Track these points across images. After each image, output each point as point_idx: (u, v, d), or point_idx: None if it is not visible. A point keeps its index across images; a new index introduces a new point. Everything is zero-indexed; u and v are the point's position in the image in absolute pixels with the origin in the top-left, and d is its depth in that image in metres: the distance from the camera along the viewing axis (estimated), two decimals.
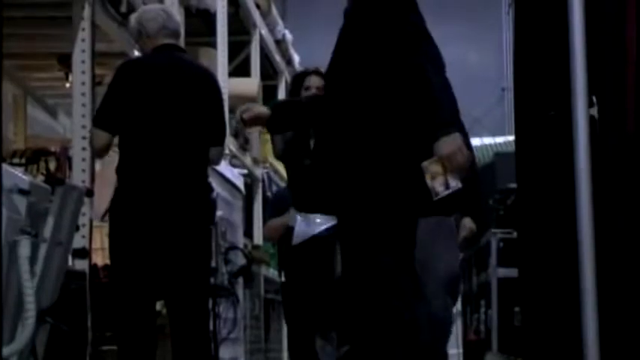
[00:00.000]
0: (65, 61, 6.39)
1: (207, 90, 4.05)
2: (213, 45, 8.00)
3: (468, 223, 4.76)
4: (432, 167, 3.01)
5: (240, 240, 7.29)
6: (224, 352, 5.92)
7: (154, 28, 4.04)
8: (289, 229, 4.70)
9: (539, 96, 3.19)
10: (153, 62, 4.03)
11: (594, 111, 2.81)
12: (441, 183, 3.00)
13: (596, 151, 2.80)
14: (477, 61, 13.77)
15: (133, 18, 4.19)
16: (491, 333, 6.74)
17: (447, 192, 3.01)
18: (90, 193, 4.66)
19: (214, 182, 4.63)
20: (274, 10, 10.16)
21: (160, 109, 3.92)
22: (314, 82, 4.48)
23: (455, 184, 3.03)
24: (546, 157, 3.13)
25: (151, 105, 3.92)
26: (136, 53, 5.02)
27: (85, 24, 5.19)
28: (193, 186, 3.96)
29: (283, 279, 4.80)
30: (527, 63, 3.32)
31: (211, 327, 4.80)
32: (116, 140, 4.03)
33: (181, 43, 4.21)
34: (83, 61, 5.20)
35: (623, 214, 2.88)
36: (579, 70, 2.79)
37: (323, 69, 4.39)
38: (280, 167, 8.56)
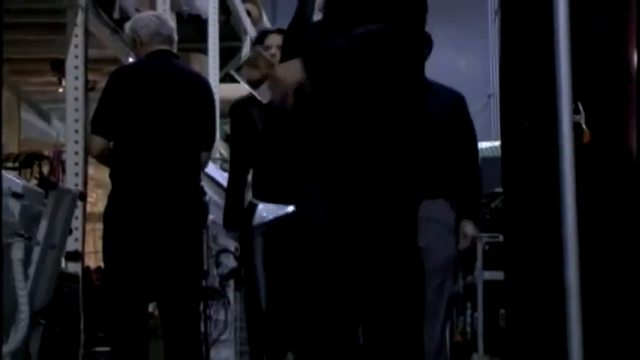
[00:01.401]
0: (58, 67, 6.38)
1: (199, 95, 4.05)
2: (204, 51, 8.00)
3: (470, 230, 4.19)
4: (262, 61, 2.61)
5: (231, 243, 7.28)
6: (215, 353, 5.91)
7: (147, 34, 4.04)
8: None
9: (525, 103, 3.20)
10: (145, 68, 4.03)
11: (578, 118, 2.82)
12: (254, 77, 2.60)
13: (580, 157, 2.81)
14: (464, 67, 13.81)
15: (127, 26, 4.19)
16: (478, 334, 6.75)
17: (248, 88, 2.61)
18: (83, 196, 4.66)
19: (206, 186, 4.63)
20: (265, 17, 10.17)
21: (153, 115, 3.92)
22: (274, 40, 4.10)
23: (260, 96, 2.62)
24: (532, 163, 3.14)
25: (144, 110, 3.92)
26: (130, 59, 5.02)
27: (79, 30, 5.19)
28: (186, 190, 3.96)
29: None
30: (513, 71, 3.33)
31: (203, 329, 4.79)
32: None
33: (175, 48, 4.21)
34: (76, 67, 5.20)
35: (607, 217, 2.90)
36: (564, 77, 2.80)
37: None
38: None
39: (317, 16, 2.67)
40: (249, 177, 4.38)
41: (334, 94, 2.56)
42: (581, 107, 2.83)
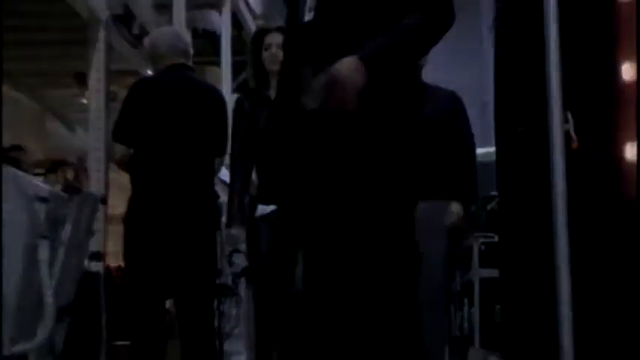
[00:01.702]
0: (81, 79, 6.41)
1: (213, 106, 4.07)
2: (218, 64, 8.03)
3: (455, 208, 4.05)
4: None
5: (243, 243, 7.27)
6: (228, 346, 5.92)
7: (164, 48, 4.06)
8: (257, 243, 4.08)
9: (518, 111, 3.21)
10: (163, 80, 4.05)
11: (567, 126, 2.83)
12: (313, 97, 2.24)
13: (569, 161, 2.82)
14: (461, 74, 13.81)
15: (146, 41, 4.21)
16: (474, 329, 6.74)
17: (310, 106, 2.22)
18: (104, 200, 4.68)
19: (219, 190, 4.64)
20: None
21: (170, 124, 3.94)
22: (275, 39, 3.82)
23: (309, 104, 2.26)
24: (525, 168, 3.15)
25: (162, 120, 3.93)
26: (149, 72, 5.04)
27: (100, 45, 5.22)
28: (201, 194, 3.97)
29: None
30: (507, 81, 3.34)
31: (216, 324, 4.80)
32: None
33: (191, 62, 4.22)
34: (98, 79, 5.23)
35: (594, 217, 2.90)
36: (554, 89, 2.81)
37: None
38: None
39: (308, 16, 2.48)
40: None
41: (377, 91, 2.32)
42: (570, 116, 2.84)
